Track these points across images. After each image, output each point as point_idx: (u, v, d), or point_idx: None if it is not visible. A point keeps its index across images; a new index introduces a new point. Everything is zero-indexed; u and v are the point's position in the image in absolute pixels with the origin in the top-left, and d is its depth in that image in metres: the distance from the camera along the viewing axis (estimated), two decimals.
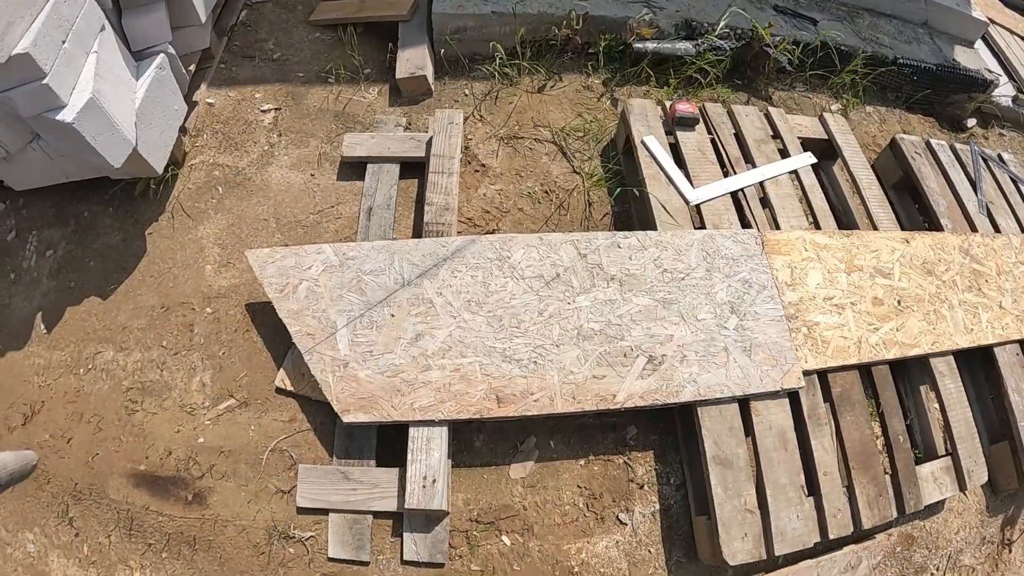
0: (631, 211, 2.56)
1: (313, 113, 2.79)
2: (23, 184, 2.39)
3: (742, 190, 2.41)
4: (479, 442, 2.09)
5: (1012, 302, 2.49)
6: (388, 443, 2.05)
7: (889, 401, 2.23)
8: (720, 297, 2.09)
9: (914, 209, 2.82)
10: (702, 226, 2.33)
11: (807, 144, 2.67)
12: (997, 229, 2.71)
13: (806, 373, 2.07)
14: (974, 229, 2.64)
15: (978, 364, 2.52)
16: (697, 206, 2.34)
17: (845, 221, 2.65)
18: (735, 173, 2.46)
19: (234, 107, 2.81)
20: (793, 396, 2.07)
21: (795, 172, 2.54)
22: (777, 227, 2.39)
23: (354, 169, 2.60)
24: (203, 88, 2.85)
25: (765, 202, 2.46)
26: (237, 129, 2.75)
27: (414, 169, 2.57)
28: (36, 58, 1.85)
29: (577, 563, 1.96)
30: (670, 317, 2.03)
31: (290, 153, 2.67)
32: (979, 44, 3.66)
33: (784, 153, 2.60)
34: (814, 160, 2.57)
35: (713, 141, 2.56)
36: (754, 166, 2.50)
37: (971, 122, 3.40)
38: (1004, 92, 3.51)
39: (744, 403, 2.02)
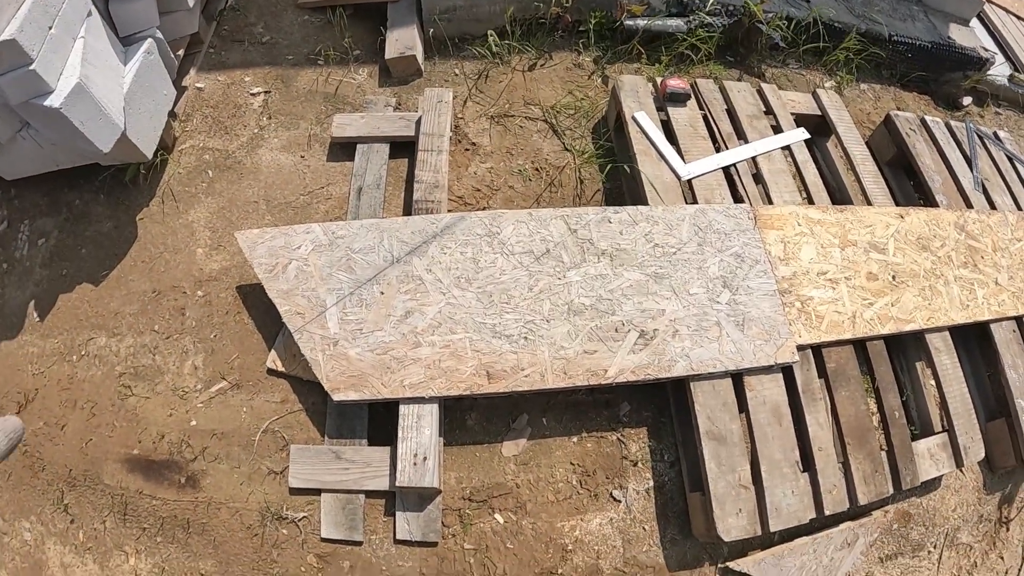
0: (623, 188, 2.51)
1: (303, 95, 2.74)
2: (14, 174, 2.37)
3: (734, 165, 2.36)
4: (471, 420, 2.06)
5: (1008, 279, 2.44)
6: (380, 422, 2.02)
7: (884, 377, 2.19)
8: (712, 271, 2.05)
9: (909, 186, 2.78)
10: (694, 201, 2.28)
11: (800, 120, 2.63)
12: (993, 206, 2.67)
13: (800, 348, 2.04)
14: (970, 206, 2.59)
15: (974, 341, 2.49)
16: (689, 181, 2.29)
17: (839, 197, 2.61)
18: (727, 149, 2.42)
19: (223, 91, 2.77)
20: (787, 371, 2.03)
21: (788, 148, 2.50)
22: (770, 202, 2.34)
23: (344, 150, 2.56)
24: (192, 73, 2.81)
25: (758, 178, 2.41)
26: (227, 113, 2.71)
27: (404, 149, 2.53)
28: (22, 44, 1.82)
29: (571, 540, 1.93)
30: (661, 292, 1.99)
31: (280, 135, 2.64)
32: (975, 23, 3.61)
33: (777, 129, 2.55)
34: (807, 136, 2.53)
35: (705, 117, 2.51)
36: (746, 142, 2.45)
37: (967, 100, 3.35)
38: (1000, 71, 3.45)
39: (738, 378, 1.98)
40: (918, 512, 2.24)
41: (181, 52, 2.74)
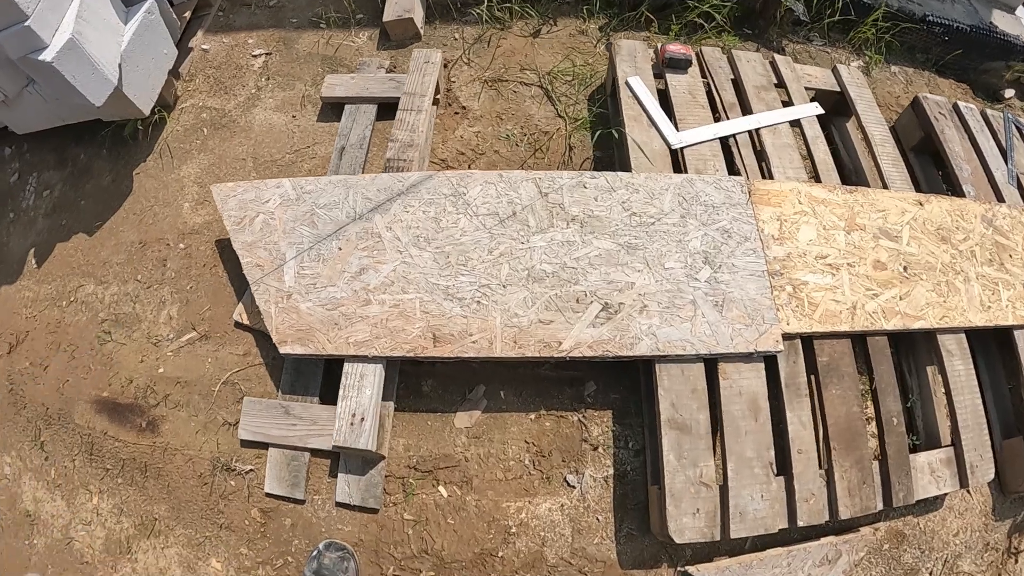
0: (614, 157, 2.27)
1: (303, 57, 2.64)
2: (23, 128, 2.38)
3: (734, 137, 2.09)
4: (427, 387, 1.89)
5: None
6: (336, 381, 1.89)
7: (885, 377, 1.89)
8: (693, 246, 1.80)
9: (936, 176, 2.43)
10: (685, 172, 2.03)
11: (817, 97, 2.32)
12: None
13: (787, 336, 1.77)
14: (1001, 199, 2.24)
15: (995, 349, 2.13)
16: (680, 151, 2.03)
17: (854, 180, 2.29)
18: (728, 120, 2.15)
19: (227, 53, 2.70)
20: (771, 362, 1.77)
21: (798, 123, 2.20)
22: (771, 178, 2.06)
23: (335, 110, 2.43)
24: (199, 35, 2.76)
25: (761, 154, 2.13)
26: (228, 73, 2.64)
27: (393, 110, 2.38)
28: (18, 2, 1.82)
29: (515, 523, 1.73)
30: (633, 263, 1.76)
31: (275, 96, 2.54)
32: (1021, 11, 3.17)
33: (788, 104, 2.25)
34: (820, 111, 2.22)
35: (707, 86, 2.23)
36: (752, 114, 2.17)
37: (1009, 93, 2.93)
38: None
39: (712, 364, 1.73)
40: (914, 533, 1.94)
41: (188, 14, 2.70)
